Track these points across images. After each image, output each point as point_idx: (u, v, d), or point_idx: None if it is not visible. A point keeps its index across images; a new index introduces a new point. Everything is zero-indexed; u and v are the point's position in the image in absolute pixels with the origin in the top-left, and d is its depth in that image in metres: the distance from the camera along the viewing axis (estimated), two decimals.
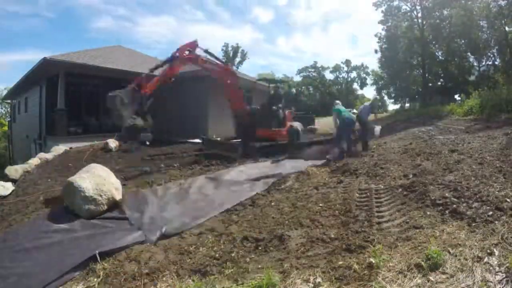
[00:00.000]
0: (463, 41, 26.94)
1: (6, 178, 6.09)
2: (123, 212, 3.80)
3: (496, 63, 26.83)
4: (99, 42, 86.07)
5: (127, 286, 2.27)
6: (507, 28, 23.07)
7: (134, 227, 3.32)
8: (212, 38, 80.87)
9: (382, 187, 3.98)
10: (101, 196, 3.74)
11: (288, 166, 6.09)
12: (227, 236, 3.02)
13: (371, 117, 8.75)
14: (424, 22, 27.77)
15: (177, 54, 6.57)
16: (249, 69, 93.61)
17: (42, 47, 78.83)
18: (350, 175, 4.93)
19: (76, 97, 12.98)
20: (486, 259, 1.99)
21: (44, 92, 11.98)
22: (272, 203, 3.92)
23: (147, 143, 11.12)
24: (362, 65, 61.02)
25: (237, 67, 48.52)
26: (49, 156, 8.39)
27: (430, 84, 31.07)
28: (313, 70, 62.53)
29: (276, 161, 6.80)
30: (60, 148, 9.31)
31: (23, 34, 77.91)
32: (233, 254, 2.64)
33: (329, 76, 62.78)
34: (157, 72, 6.64)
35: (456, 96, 27.66)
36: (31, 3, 76.80)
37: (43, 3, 77.70)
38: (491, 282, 1.78)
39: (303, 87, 61.75)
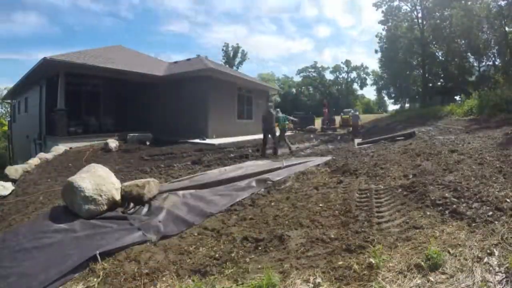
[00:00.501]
0: (463, 41, 26.97)
1: (6, 178, 6.10)
2: (123, 212, 3.81)
3: (496, 63, 26.89)
4: (158, 46, 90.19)
5: (127, 286, 2.27)
6: (507, 29, 23.08)
7: (134, 227, 3.31)
8: (269, 45, 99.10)
9: (382, 187, 3.98)
10: (101, 196, 3.74)
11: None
12: (227, 236, 3.02)
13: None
14: (424, 23, 27.79)
15: None
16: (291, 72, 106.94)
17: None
18: (350, 175, 4.92)
19: (76, 97, 12.97)
20: (486, 259, 1.99)
21: (44, 92, 11.99)
22: (272, 203, 3.93)
23: (147, 143, 11.17)
24: (362, 65, 61.15)
25: (237, 68, 48.48)
26: (49, 156, 8.40)
27: (430, 84, 31.09)
28: (313, 70, 62.56)
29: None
30: (60, 148, 9.32)
31: (90, 32, 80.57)
32: (233, 254, 2.63)
33: (329, 76, 62.86)
34: None
35: (456, 97, 27.71)
36: (113, 2, 79.54)
37: (126, 3, 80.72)
38: (491, 282, 1.78)
39: (303, 87, 61.76)
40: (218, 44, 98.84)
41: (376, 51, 35.71)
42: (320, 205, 3.62)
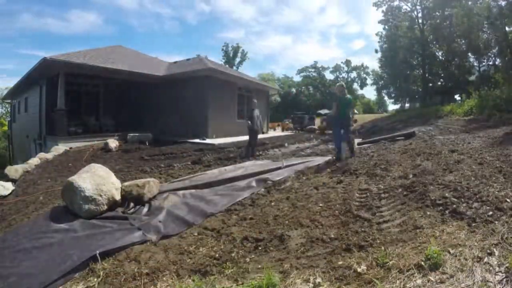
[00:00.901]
0: (463, 41, 26.94)
1: (6, 178, 6.11)
2: (123, 212, 3.81)
3: (497, 63, 26.83)
4: (206, 48, 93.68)
5: (127, 286, 2.27)
6: (507, 29, 23.04)
7: (134, 227, 3.31)
8: (306, 53, 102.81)
9: (382, 187, 3.98)
10: (101, 196, 3.75)
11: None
12: (227, 236, 3.02)
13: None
14: (425, 22, 27.80)
15: None
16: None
17: (156, 50, 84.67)
18: (350, 175, 4.92)
19: (76, 97, 12.99)
20: (486, 259, 1.99)
21: (44, 92, 11.99)
22: (272, 203, 3.93)
23: (147, 143, 11.18)
24: (362, 65, 61.07)
25: (237, 67, 48.48)
26: (49, 156, 8.40)
27: (430, 84, 31.08)
28: (313, 70, 62.51)
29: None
30: (60, 148, 9.33)
31: (146, 35, 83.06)
32: (233, 254, 2.64)
33: (329, 76, 62.76)
34: None
35: (456, 96, 27.72)
36: (185, 7, 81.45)
37: (199, 9, 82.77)
38: (491, 282, 1.77)
39: (303, 87, 61.72)
40: (263, 51, 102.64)
41: (376, 51, 35.69)
42: (320, 205, 3.62)
